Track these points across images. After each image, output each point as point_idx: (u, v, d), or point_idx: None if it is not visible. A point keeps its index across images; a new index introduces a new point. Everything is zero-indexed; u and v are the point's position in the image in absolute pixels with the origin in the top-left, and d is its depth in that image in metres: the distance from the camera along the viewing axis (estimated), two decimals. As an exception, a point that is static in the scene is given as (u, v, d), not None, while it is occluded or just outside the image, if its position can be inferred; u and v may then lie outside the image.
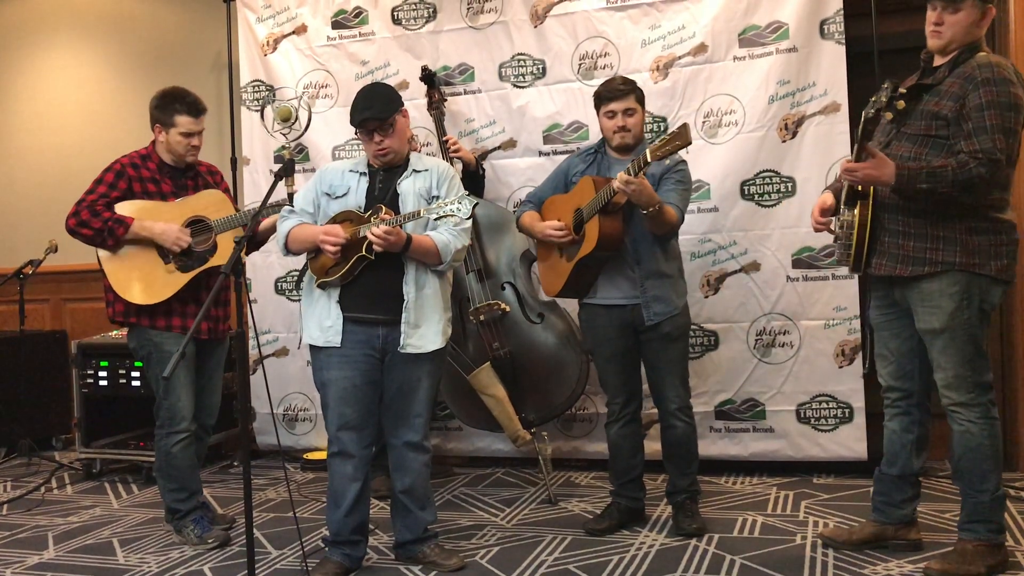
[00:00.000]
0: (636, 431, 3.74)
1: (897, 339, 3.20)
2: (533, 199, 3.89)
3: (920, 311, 3.04)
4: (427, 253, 3.20)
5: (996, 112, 2.86)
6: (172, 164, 3.81)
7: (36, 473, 5.07)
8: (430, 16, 4.83)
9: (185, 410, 3.71)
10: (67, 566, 3.56)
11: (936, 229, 2.98)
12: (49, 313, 6.03)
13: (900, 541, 3.28)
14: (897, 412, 3.25)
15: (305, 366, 4.75)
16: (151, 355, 3.73)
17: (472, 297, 4.30)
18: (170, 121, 3.74)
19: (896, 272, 3.04)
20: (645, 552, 3.44)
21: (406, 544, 3.40)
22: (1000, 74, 2.89)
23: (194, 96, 3.81)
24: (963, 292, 2.96)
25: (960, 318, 2.97)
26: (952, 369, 3.00)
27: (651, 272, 3.56)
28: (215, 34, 5.44)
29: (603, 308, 3.64)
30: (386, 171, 3.33)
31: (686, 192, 3.60)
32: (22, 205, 6.01)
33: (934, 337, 3.01)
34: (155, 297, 3.67)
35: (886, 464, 3.29)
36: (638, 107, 3.62)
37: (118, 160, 3.78)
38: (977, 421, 3.00)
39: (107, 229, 3.62)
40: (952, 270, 2.97)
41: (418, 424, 3.31)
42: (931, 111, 2.95)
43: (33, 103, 6.06)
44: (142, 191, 3.74)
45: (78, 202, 3.68)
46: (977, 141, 2.85)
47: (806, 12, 4.26)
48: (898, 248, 3.03)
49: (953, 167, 2.85)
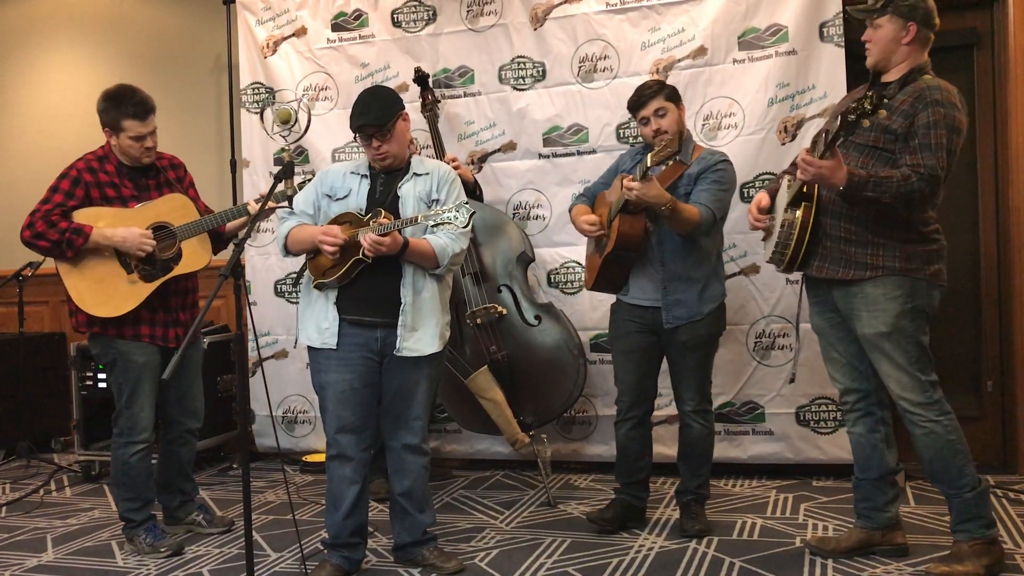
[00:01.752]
0: (644, 434, 3.73)
1: (844, 341, 3.24)
2: (587, 193, 3.89)
3: (864, 315, 3.09)
4: (424, 257, 3.20)
5: (942, 132, 2.95)
6: (130, 165, 3.66)
7: (35, 475, 5.07)
8: (430, 18, 4.83)
9: (146, 421, 3.62)
10: (66, 568, 3.56)
11: (875, 236, 3.07)
12: (48, 315, 6.03)
13: (888, 546, 3.29)
14: (859, 414, 3.27)
15: (304, 368, 4.75)
16: (115, 362, 3.62)
17: (469, 300, 4.30)
18: (117, 126, 3.58)
19: (839, 276, 3.11)
20: (644, 555, 3.44)
21: (405, 547, 3.39)
22: (948, 98, 3.00)
23: (141, 95, 3.63)
24: (906, 296, 3.04)
25: (904, 321, 3.04)
26: (902, 371, 3.05)
27: (675, 275, 3.55)
28: (215, 36, 5.44)
29: (630, 306, 3.66)
30: (387, 174, 3.33)
31: (721, 192, 3.54)
32: (22, 207, 5.89)
33: (879, 341, 3.06)
34: (117, 310, 3.54)
35: (860, 470, 3.30)
36: (669, 105, 3.58)
37: (73, 165, 3.62)
38: (938, 419, 3.04)
39: (65, 240, 3.48)
40: (894, 274, 3.04)
41: (417, 426, 3.31)
42: (882, 124, 3.01)
43: (33, 105, 6.06)
44: (100, 197, 3.59)
45: (32, 212, 3.53)
46: (922, 157, 2.95)
47: (805, 15, 4.26)
48: (840, 253, 3.11)
49: (897, 179, 2.92)
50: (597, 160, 4.54)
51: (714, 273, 3.62)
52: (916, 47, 3.09)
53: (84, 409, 4.96)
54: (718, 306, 3.62)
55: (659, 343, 3.63)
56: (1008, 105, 4.31)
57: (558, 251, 4.66)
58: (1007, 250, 4.38)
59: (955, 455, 3.04)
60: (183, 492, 3.89)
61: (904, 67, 3.10)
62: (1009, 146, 4.34)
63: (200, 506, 3.94)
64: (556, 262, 4.66)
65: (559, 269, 4.66)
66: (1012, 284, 4.37)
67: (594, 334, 4.58)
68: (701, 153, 3.64)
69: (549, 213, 4.66)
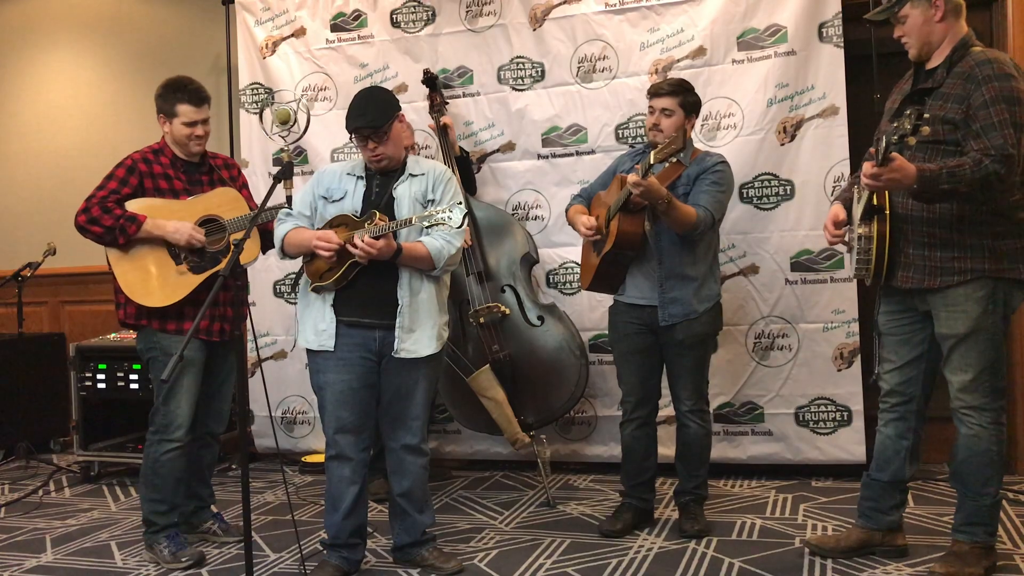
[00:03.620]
0: (649, 434, 3.73)
1: (906, 345, 3.15)
2: (583, 194, 3.90)
3: (944, 315, 2.99)
4: (419, 260, 3.19)
5: (1003, 108, 2.81)
6: (185, 158, 3.69)
7: (34, 476, 5.07)
8: (429, 19, 4.83)
9: (183, 418, 3.53)
10: (65, 569, 3.56)
11: (961, 236, 2.93)
12: (47, 315, 6.03)
13: (887, 548, 3.28)
14: (894, 417, 3.22)
15: (303, 369, 4.74)
16: (156, 358, 3.58)
17: (472, 299, 4.30)
18: (172, 111, 3.63)
19: (925, 284, 2.99)
20: (644, 555, 3.44)
21: (404, 547, 3.39)
22: (1001, 69, 2.85)
23: (197, 84, 3.69)
24: (989, 296, 2.93)
25: (985, 322, 2.94)
26: (972, 372, 2.96)
27: (672, 273, 3.56)
28: (214, 37, 5.44)
29: (627, 306, 3.67)
30: (383, 175, 3.33)
31: (719, 193, 3.54)
32: (21, 207, 6.01)
33: (957, 341, 2.97)
34: (166, 300, 3.52)
35: (876, 469, 3.27)
36: (678, 110, 3.57)
37: (130, 156, 3.66)
38: (988, 426, 2.98)
39: (118, 227, 3.48)
40: (981, 277, 2.93)
41: (416, 427, 3.31)
42: (937, 116, 2.89)
43: (32, 106, 6.06)
44: (154, 188, 3.61)
45: (88, 198, 3.54)
46: (987, 139, 2.81)
47: (804, 15, 4.26)
48: (923, 260, 2.98)
49: (969, 165, 2.79)
50: (596, 160, 4.54)
51: (710, 273, 3.63)
52: (951, 20, 2.96)
53: (83, 410, 4.94)
54: (713, 306, 3.63)
55: (658, 342, 3.64)
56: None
57: (557, 251, 4.66)
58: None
59: (989, 464, 2.99)
60: (199, 498, 3.81)
61: (946, 47, 2.96)
62: (1008, 146, 4.33)
63: (216, 514, 3.87)
64: (555, 262, 4.66)
65: (558, 269, 4.67)
66: (1011, 284, 4.37)
67: (593, 334, 4.58)
68: (699, 155, 3.65)
69: (548, 213, 4.66)
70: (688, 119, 3.62)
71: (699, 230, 3.48)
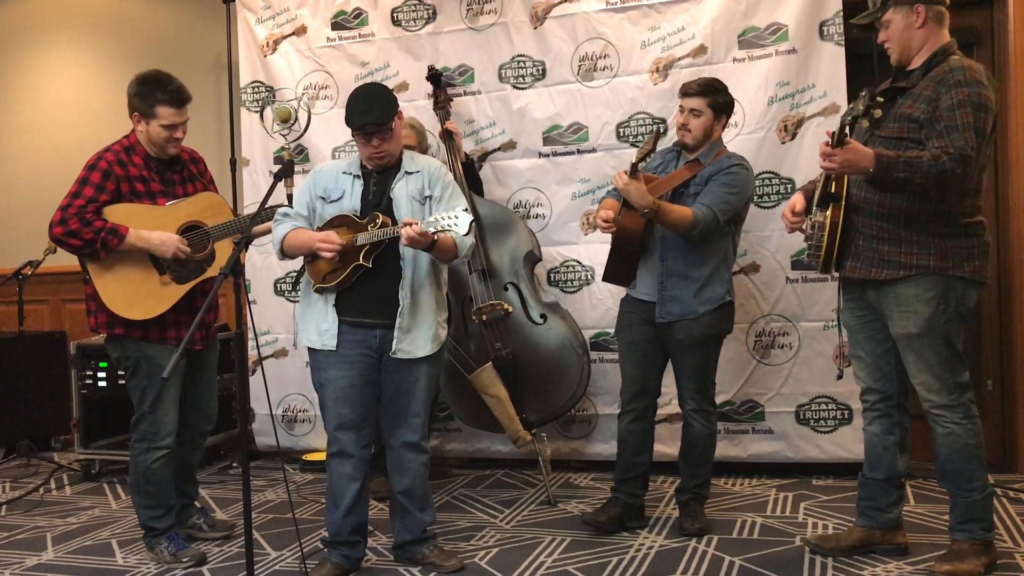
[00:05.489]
0: (645, 429, 3.72)
1: (872, 341, 3.21)
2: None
3: (896, 316, 3.04)
4: (447, 250, 3.21)
5: (968, 111, 2.88)
6: (157, 156, 3.53)
7: (35, 474, 5.07)
8: (430, 17, 4.83)
9: (170, 425, 3.49)
10: (66, 567, 3.56)
11: (909, 234, 3.00)
12: (48, 314, 6.03)
13: (888, 546, 3.29)
14: (877, 415, 3.26)
15: (304, 367, 4.75)
16: (139, 366, 3.48)
17: (475, 297, 4.30)
18: (150, 112, 3.44)
19: (871, 276, 3.06)
20: (644, 553, 3.44)
21: (405, 545, 3.40)
22: (972, 76, 2.92)
23: (178, 83, 3.50)
24: (940, 296, 2.98)
25: (937, 322, 2.99)
26: (931, 372, 3.01)
27: (674, 272, 3.57)
28: (215, 35, 5.43)
29: (634, 300, 3.71)
30: (379, 173, 3.33)
31: (727, 194, 3.51)
32: (21, 206, 6.01)
33: (910, 342, 3.02)
34: (150, 312, 3.42)
35: (869, 468, 3.29)
36: (707, 111, 3.58)
37: (102, 157, 3.44)
38: (961, 422, 3.02)
39: (100, 240, 3.32)
40: (928, 274, 2.98)
41: (416, 424, 3.31)
42: (905, 113, 2.97)
43: (33, 104, 6.06)
44: (130, 191, 3.44)
45: (63, 207, 3.33)
46: (949, 138, 2.87)
47: (805, 14, 4.26)
48: (872, 251, 3.05)
49: (927, 158, 2.85)
50: (597, 159, 4.55)
51: (716, 275, 3.59)
52: (932, 27, 3.02)
53: (84, 408, 4.95)
54: (717, 308, 3.59)
55: (660, 338, 3.64)
56: (1008, 104, 4.31)
57: (558, 250, 4.66)
58: (1007, 250, 4.38)
59: (971, 459, 3.02)
60: (186, 495, 3.82)
61: (925, 52, 3.03)
62: (1009, 146, 4.34)
63: (201, 509, 3.88)
64: (556, 261, 4.66)
65: (559, 268, 4.66)
66: (1012, 284, 4.38)
67: (594, 332, 4.58)
68: (722, 155, 3.63)
69: (549, 212, 4.66)
70: (718, 119, 3.61)
71: (698, 230, 3.46)
